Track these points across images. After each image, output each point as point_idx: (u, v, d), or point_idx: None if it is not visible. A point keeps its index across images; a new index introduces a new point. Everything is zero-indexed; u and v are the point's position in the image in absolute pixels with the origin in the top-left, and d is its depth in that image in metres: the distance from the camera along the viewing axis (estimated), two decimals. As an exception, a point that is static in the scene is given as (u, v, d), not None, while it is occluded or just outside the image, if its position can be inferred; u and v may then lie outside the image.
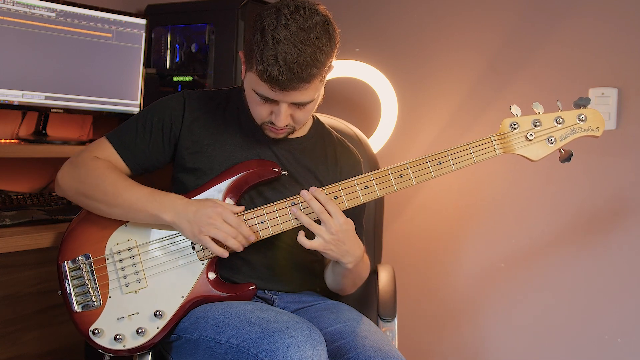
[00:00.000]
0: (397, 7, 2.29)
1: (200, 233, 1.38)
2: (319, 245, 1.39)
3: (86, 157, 1.50)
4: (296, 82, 1.33)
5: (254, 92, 1.40)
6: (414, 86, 2.27)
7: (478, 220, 2.19)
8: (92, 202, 1.46)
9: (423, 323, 2.29)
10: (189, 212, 1.39)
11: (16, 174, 2.13)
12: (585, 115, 1.44)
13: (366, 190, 1.44)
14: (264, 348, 1.23)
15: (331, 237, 1.38)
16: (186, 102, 1.54)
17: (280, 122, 1.41)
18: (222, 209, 1.39)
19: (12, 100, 1.98)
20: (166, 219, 1.40)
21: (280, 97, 1.37)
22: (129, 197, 1.43)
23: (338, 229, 1.38)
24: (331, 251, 1.40)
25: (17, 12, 1.95)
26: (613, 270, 1.97)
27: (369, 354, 1.35)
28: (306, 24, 1.32)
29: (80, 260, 1.46)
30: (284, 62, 1.31)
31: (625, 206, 1.96)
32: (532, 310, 2.10)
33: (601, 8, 1.96)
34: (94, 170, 1.46)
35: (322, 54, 1.34)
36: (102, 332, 1.42)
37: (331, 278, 1.58)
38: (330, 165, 1.58)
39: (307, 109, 1.43)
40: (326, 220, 1.38)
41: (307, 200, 1.39)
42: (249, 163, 1.48)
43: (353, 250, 1.42)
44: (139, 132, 1.51)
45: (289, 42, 1.31)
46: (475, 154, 1.43)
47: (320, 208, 1.39)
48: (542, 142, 1.44)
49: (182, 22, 2.28)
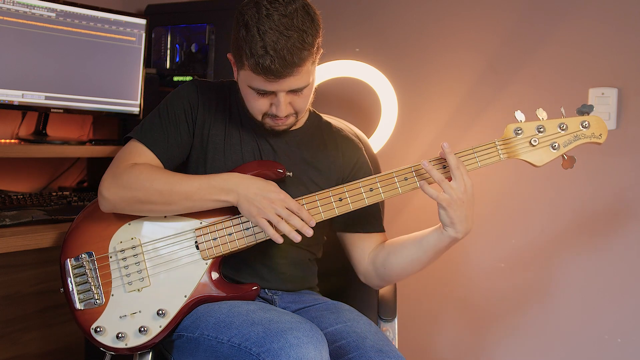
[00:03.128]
0: (397, 7, 2.29)
1: (258, 214, 1.38)
2: (445, 199, 1.38)
3: (124, 166, 1.46)
4: (289, 68, 1.34)
5: (250, 88, 1.41)
6: (414, 86, 2.27)
7: (478, 220, 2.18)
8: (149, 206, 1.44)
9: (423, 323, 2.29)
10: (250, 192, 1.39)
11: (16, 174, 2.13)
12: (588, 122, 1.45)
13: (371, 192, 1.45)
14: (266, 348, 1.23)
15: (459, 195, 1.38)
16: (199, 90, 1.54)
17: (282, 112, 1.42)
18: (284, 195, 1.40)
19: (12, 100, 1.98)
20: (231, 200, 1.41)
21: (277, 86, 1.37)
22: (187, 190, 1.42)
23: (467, 191, 1.39)
24: (453, 210, 1.39)
25: (17, 12, 1.95)
26: (613, 270, 1.98)
27: (369, 354, 1.35)
28: (287, 11, 1.34)
29: (83, 258, 1.46)
30: (274, 50, 1.32)
31: (625, 206, 1.96)
32: (532, 310, 2.10)
33: (601, 8, 1.96)
34: (140, 174, 1.43)
35: (308, 36, 1.35)
36: (104, 330, 1.42)
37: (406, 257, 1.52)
38: (331, 152, 1.58)
39: (304, 95, 1.43)
40: (459, 178, 1.38)
41: (447, 153, 1.39)
42: (254, 164, 1.49)
43: (470, 219, 1.42)
44: (165, 126, 1.50)
45: (274, 31, 1.32)
46: (479, 159, 1.44)
47: (457, 163, 1.39)
48: (546, 147, 1.45)
49: (182, 22, 2.28)
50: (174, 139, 1.50)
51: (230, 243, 1.45)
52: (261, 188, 1.40)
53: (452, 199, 1.38)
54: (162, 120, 1.51)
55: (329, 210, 1.44)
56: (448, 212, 1.39)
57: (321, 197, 1.45)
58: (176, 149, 1.51)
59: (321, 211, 1.44)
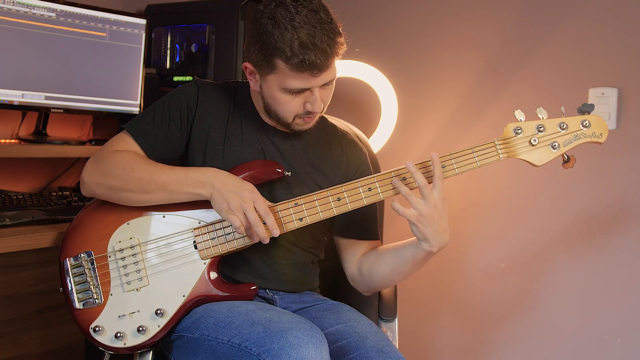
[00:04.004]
0: (397, 7, 2.29)
1: (228, 210, 1.38)
2: (413, 215, 1.37)
3: (108, 152, 1.48)
4: (330, 59, 1.36)
5: (286, 91, 1.40)
6: (414, 86, 2.27)
7: (478, 221, 2.19)
8: (125, 193, 1.44)
9: (424, 324, 2.29)
10: (225, 188, 1.39)
11: (16, 174, 2.13)
12: (589, 121, 1.44)
13: (369, 192, 1.44)
14: (267, 348, 1.23)
15: (428, 211, 1.36)
16: (200, 90, 1.54)
17: (320, 107, 1.42)
18: (257, 195, 1.39)
19: (12, 100, 1.98)
20: (205, 194, 1.40)
21: (318, 81, 1.38)
22: (165, 179, 1.42)
23: (437, 205, 1.37)
24: (423, 226, 1.37)
25: (17, 12, 1.95)
26: (613, 270, 1.97)
27: (370, 355, 1.35)
28: (312, 6, 1.36)
29: (82, 258, 1.46)
30: (313, 45, 1.33)
31: (625, 206, 1.96)
32: (533, 310, 2.10)
33: (601, 8, 1.96)
34: (121, 161, 1.45)
35: (335, 26, 1.37)
36: (103, 330, 1.42)
37: (385, 266, 1.51)
38: (336, 157, 1.58)
39: (330, 87, 1.45)
40: (428, 195, 1.36)
41: (412, 171, 1.38)
42: (253, 164, 1.48)
43: (444, 234, 1.40)
44: (157, 121, 1.50)
45: (308, 26, 1.34)
46: (478, 158, 1.43)
47: (425, 182, 1.37)
48: (546, 147, 1.44)
49: (182, 22, 2.28)
50: (163, 135, 1.50)
51: (228, 243, 1.45)
52: (236, 185, 1.39)
53: (420, 215, 1.37)
54: (155, 116, 1.51)
55: (327, 210, 1.44)
56: (419, 227, 1.38)
57: (319, 196, 1.44)
58: (162, 146, 1.51)
59: (319, 211, 1.44)
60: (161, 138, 1.50)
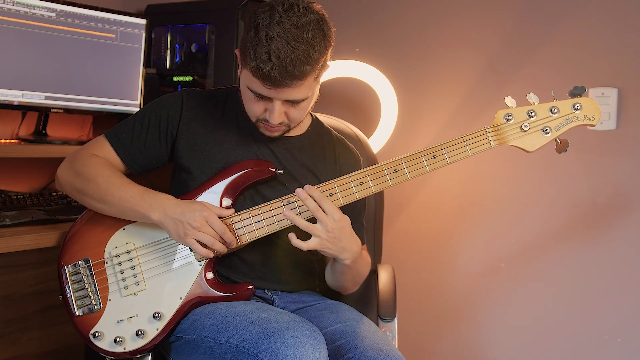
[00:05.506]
0: (397, 7, 2.29)
1: (185, 235, 1.39)
2: (316, 244, 1.39)
3: (84, 153, 1.51)
4: (289, 79, 1.33)
5: (248, 89, 1.40)
6: (414, 86, 2.27)
7: (478, 220, 2.19)
8: (85, 198, 1.48)
9: (423, 323, 2.29)
10: (176, 213, 1.39)
11: (16, 174, 2.13)
12: (580, 104, 1.42)
13: (361, 186, 1.43)
14: (264, 348, 1.23)
15: (327, 234, 1.38)
16: (184, 100, 1.54)
17: (274, 120, 1.41)
18: (208, 213, 1.39)
19: (12, 100, 1.98)
20: (154, 218, 1.41)
21: (274, 94, 1.37)
22: (121, 194, 1.43)
23: (334, 226, 1.38)
24: (328, 249, 1.40)
25: (17, 12, 1.95)
26: (613, 269, 1.97)
27: (369, 354, 1.35)
28: (300, 22, 1.32)
29: (80, 265, 1.47)
30: (277, 59, 1.30)
31: (625, 206, 1.96)
32: (532, 310, 2.10)
33: (601, 8, 1.96)
34: (90, 166, 1.48)
35: (315, 51, 1.33)
36: (103, 335, 1.43)
37: (331, 276, 1.58)
38: (329, 164, 1.58)
39: (301, 107, 1.42)
40: (322, 219, 1.38)
41: (302, 198, 1.39)
42: (245, 163, 1.49)
43: (350, 247, 1.42)
44: (136, 130, 1.52)
45: (282, 39, 1.31)
46: (469, 147, 1.42)
47: (315, 206, 1.38)
48: (538, 132, 1.42)
49: (182, 22, 2.28)
50: (138, 145, 1.52)
51: None
52: (186, 209, 1.39)
53: (322, 241, 1.39)
54: (135, 124, 1.53)
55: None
56: (326, 252, 1.41)
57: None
58: (139, 155, 1.52)
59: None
60: (138, 147, 1.52)
